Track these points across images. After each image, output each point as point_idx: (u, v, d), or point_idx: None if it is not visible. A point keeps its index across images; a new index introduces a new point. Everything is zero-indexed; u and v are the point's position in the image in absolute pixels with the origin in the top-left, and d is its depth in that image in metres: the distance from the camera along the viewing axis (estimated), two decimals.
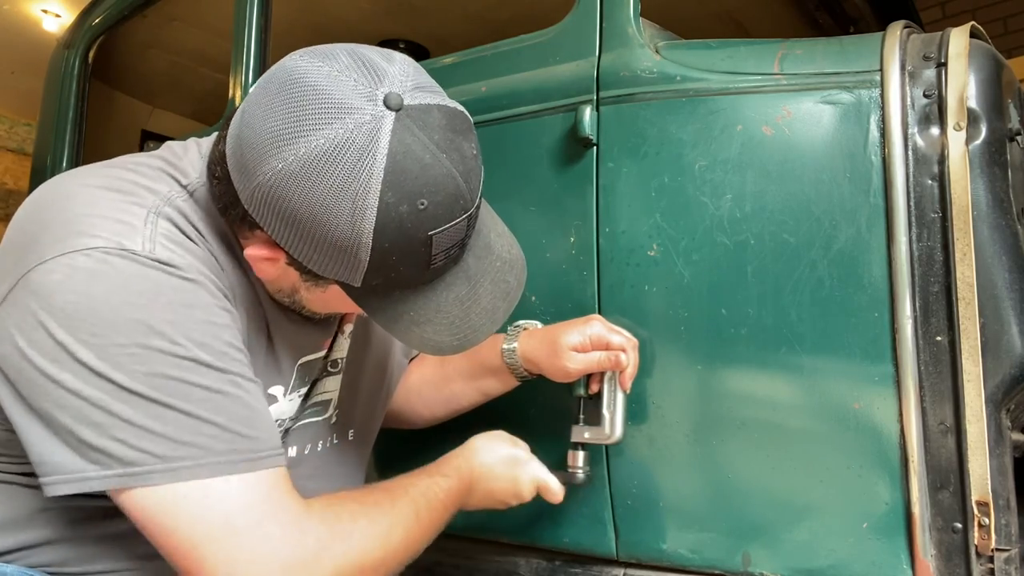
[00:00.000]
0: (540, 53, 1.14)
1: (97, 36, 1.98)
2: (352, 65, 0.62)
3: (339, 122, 0.59)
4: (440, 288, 0.70)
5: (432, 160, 0.61)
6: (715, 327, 0.96)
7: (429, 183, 0.61)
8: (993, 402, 0.83)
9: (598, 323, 0.94)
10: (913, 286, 0.86)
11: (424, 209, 0.61)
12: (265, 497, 0.65)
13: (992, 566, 0.82)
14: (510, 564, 1.12)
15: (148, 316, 0.61)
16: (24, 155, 5.66)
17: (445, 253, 0.66)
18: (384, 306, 0.69)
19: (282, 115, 0.61)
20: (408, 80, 0.63)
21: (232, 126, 0.67)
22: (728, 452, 0.96)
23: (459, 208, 0.64)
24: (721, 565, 0.96)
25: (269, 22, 1.54)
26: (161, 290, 0.63)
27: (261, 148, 0.61)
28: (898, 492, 0.86)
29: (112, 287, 0.61)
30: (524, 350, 0.99)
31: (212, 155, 0.71)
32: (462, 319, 0.71)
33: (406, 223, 0.61)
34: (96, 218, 0.64)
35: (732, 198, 0.95)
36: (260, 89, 0.64)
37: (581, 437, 0.98)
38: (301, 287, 0.73)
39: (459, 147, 0.64)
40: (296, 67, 0.63)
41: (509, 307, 0.75)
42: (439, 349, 0.71)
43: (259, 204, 0.64)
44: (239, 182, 0.65)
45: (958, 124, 0.85)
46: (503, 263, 0.74)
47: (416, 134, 0.61)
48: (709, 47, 1.04)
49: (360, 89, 0.61)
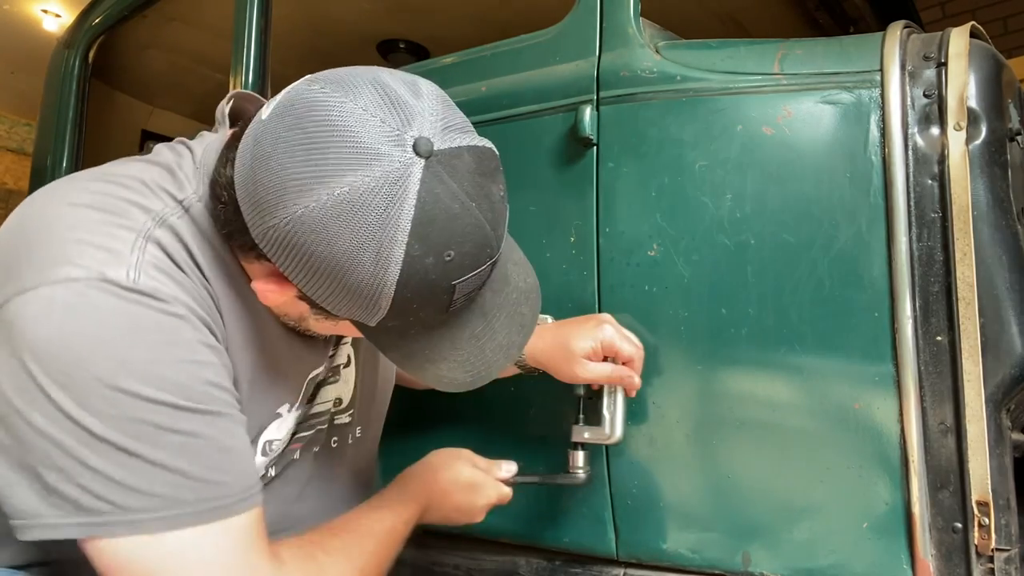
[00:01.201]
0: (540, 53, 1.14)
1: (97, 36, 1.98)
2: (379, 102, 0.58)
3: (365, 168, 0.55)
4: (455, 327, 0.67)
5: (461, 210, 0.58)
6: (715, 327, 0.96)
7: (457, 234, 0.58)
8: (993, 402, 0.83)
9: (610, 327, 0.94)
10: (913, 286, 0.86)
11: (450, 261, 0.59)
12: (233, 551, 0.63)
13: (992, 566, 0.82)
14: (510, 564, 1.12)
15: (125, 356, 0.58)
16: (24, 155, 5.66)
17: (466, 297, 0.64)
18: (399, 344, 0.67)
19: (302, 157, 0.56)
20: (438, 120, 0.59)
21: (243, 154, 0.62)
22: (728, 452, 0.96)
23: (485, 256, 0.62)
24: (721, 565, 0.96)
25: (269, 22, 1.54)
26: (141, 327, 0.60)
27: (278, 190, 0.57)
28: (898, 492, 0.86)
29: (88, 324, 0.58)
30: (532, 349, 0.98)
31: (217, 176, 0.67)
32: (477, 355, 0.69)
33: (431, 275, 0.59)
34: (81, 244, 0.61)
35: (732, 198, 0.95)
36: (276, 120, 0.59)
37: (581, 437, 0.98)
38: (310, 317, 0.71)
39: (488, 193, 0.61)
40: (316, 101, 0.58)
41: (525, 340, 0.73)
42: (453, 385, 0.69)
43: (272, 243, 0.60)
44: (251, 217, 0.61)
45: (958, 124, 0.85)
46: (519, 294, 0.72)
47: (446, 182, 0.58)
48: (709, 47, 1.04)
49: (388, 131, 0.57)
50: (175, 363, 0.61)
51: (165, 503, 0.60)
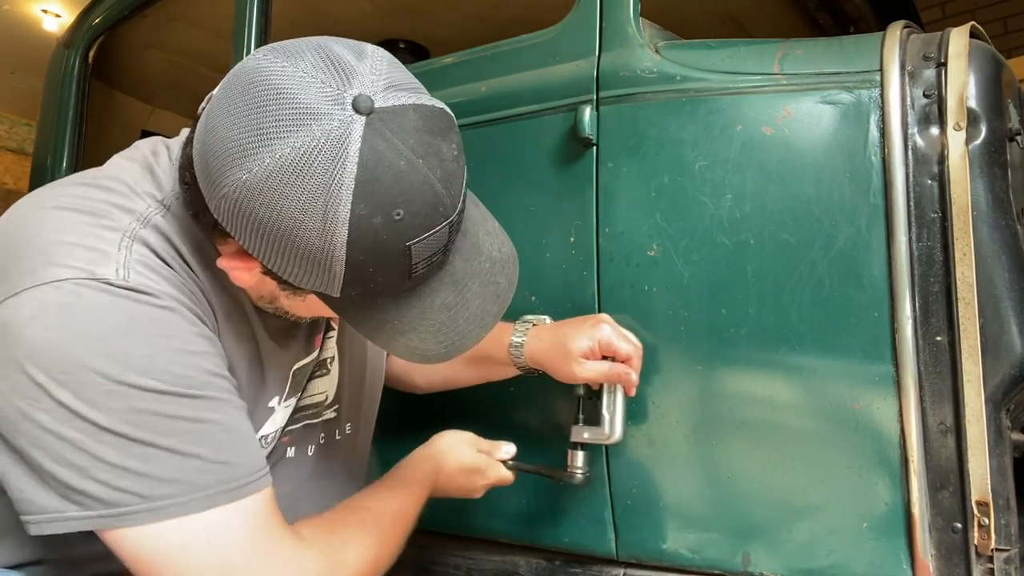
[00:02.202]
0: (540, 53, 1.14)
1: (97, 36, 1.98)
2: (319, 64, 0.58)
3: (305, 129, 0.55)
4: (425, 294, 0.66)
5: (407, 167, 0.57)
6: (715, 327, 0.96)
7: (404, 192, 0.57)
8: (993, 402, 0.83)
9: (607, 327, 0.94)
10: (913, 286, 0.86)
11: (400, 220, 0.58)
12: (255, 529, 0.65)
13: (992, 566, 0.82)
14: (510, 564, 1.12)
15: (123, 351, 0.59)
16: (24, 155, 5.66)
17: (427, 261, 0.62)
18: (365, 316, 0.66)
19: (244, 122, 0.56)
20: (380, 79, 0.59)
21: (197, 130, 0.63)
22: (728, 452, 0.96)
23: (439, 216, 0.60)
24: (721, 565, 0.96)
25: (269, 22, 1.54)
26: (136, 321, 0.60)
27: (224, 158, 0.57)
28: (898, 492, 0.86)
29: (84, 322, 0.59)
30: (531, 350, 0.98)
31: (182, 159, 0.67)
32: (449, 325, 0.67)
33: (381, 235, 0.58)
34: (68, 245, 0.61)
35: (732, 198, 0.95)
36: (222, 91, 0.60)
37: (581, 437, 0.98)
38: (280, 295, 0.71)
39: (438, 150, 0.60)
40: (258, 67, 0.58)
41: (500, 309, 0.71)
42: (426, 357, 0.68)
43: (227, 214, 0.60)
44: (206, 191, 0.61)
45: (958, 124, 0.85)
46: (492, 263, 0.71)
47: (389, 139, 0.57)
48: (709, 47, 1.04)
49: (327, 92, 0.56)
50: (173, 354, 0.62)
51: (184, 488, 0.61)
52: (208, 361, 0.65)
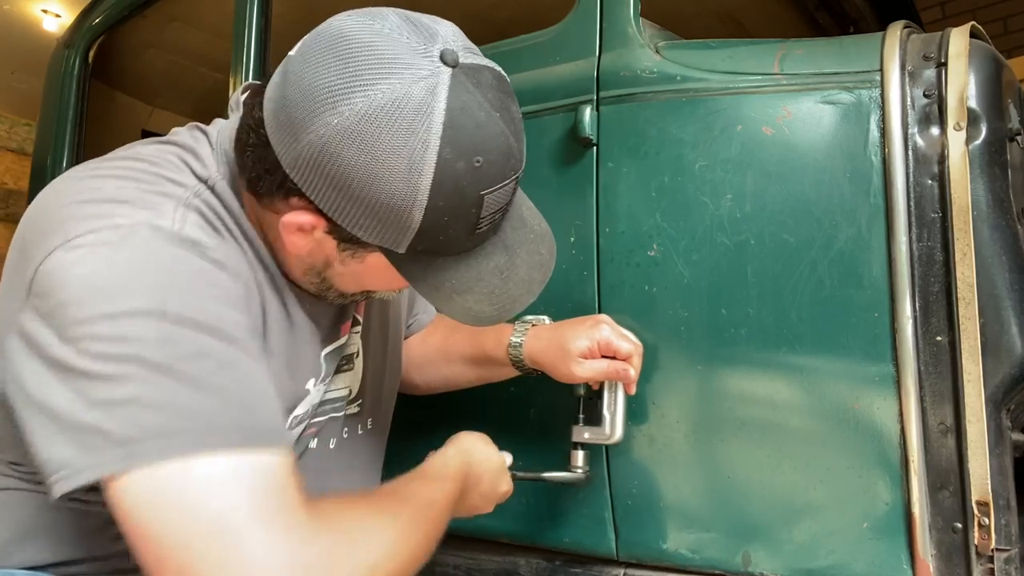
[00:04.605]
0: (540, 53, 1.14)
1: (97, 36, 1.98)
2: (403, 24, 0.62)
3: (396, 77, 0.58)
4: (480, 257, 0.69)
5: (487, 118, 0.61)
6: (715, 327, 0.96)
7: (485, 141, 0.61)
8: (993, 402, 0.83)
9: (606, 327, 0.94)
10: (913, 286, 0.86)
11: (479, 167, 0.61)
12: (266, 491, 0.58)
13: (992, 566, 0.82)
14: (510, 564, 1.12)
15: (166, 285, 0.59)
16: (24, 155, 5.65)
17: (491, 217, 0.66)
18: (426, 274, 0.68)
19: (336, 71, 0.59)
20: (459, 40, 0.64)
21: (271, 89, 0.65)
22: (728, 452, 0.96)
23: (510, 168, 0.64)
24: (721, 565, 0.96)
25: (269, 22, 1.54)
26: (184, 264, 0.62)
27: (313, 104, 0.59)
28: (898, 492, 0.86)
29: (134, 257, 0.60)
30: (530, 350, 0.98)
31: (245, 123, 0.68)
32: (501, 289, 0.70)
33: (462, 180, 0.61)
34: (125, 204, 0.63)
35: (732, 198, 0.95)
36: (305, 49, 0.63)
37: (581, 437, 0.98)
38: (336, 259, 0.71)
39: (508, 107, 0.64)
40: (344, 25, 0.62)
41: (544, 278, 0.75)
42: (479, 319, 0.70)
43: (305, 165, 0.61)
44: (283, 144, 0.62)
45: (958, 124, 0.85)
46: (536, 235, 0.75)
47: (472, 91, 0.61)
48: (709, 47, 1.04)
49: (415, 46, 0.60)
50: (213, 300, 0.62)
51: (200, 426, 0.57)
52: (246, 318, 0.65)
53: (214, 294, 0.62)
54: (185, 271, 0.61)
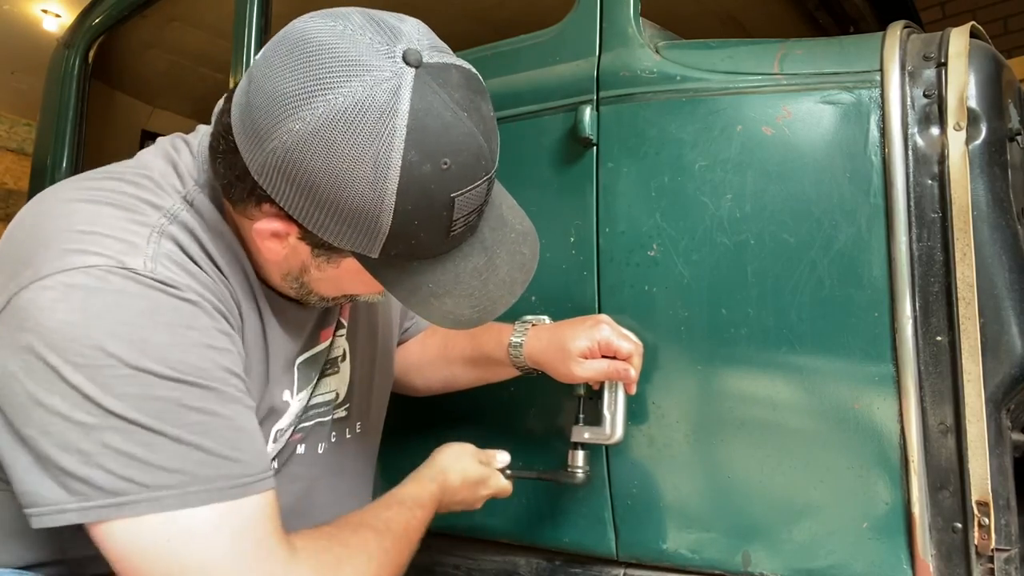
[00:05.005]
0: (540, 53, 1.14)
1: (97, 36, 1.98)
2: (366, 24, 0.60)
3: (358, 79, 0.57)
4: (458, 259, 0.68)
5: (454, 119, 0.60)
6: (715, 327, 0.96)
7: (452, 142, 0.59)
8: (993, 402, 0.83)
9: (607, 327, 0.94)
10: (913, 286, 0.86)
11: (447, 169, 0.59)
12: (250, 532, 0.63)
13: (992, 566, 0.82)
14: (510, 564, 1.12)
15: (143, 337, 0.59)
16: (24, 155, 5.66)
17: (464, 219, 0.64)
18: (402, 278, 0.67)
19: (298, 75, 0.58)
20: (424, 39, 0.62)
21: (238, 94, 0.64)
22: (728, 452, 0.96)
23: (481, 169, 0.62)
24: (721, 565, 0.96)
25: (269, 22, 1.54)
26: (159, 310, 0.61)
27: (275, 110, 0.58)
28: (898, 492, 0.86)
29: (108, 305, 0.59)
30: (530, 350, 0.98)
31: (215, 130, 0.67)
32: (480, 291, 0.69)
33: (429, 183, 0.59)
34: (99, 236, 0.62)
35: (732, 198, 0.95)
36: (269, 53, 0.61)
37: (581, 437, 0.98)
38: (311, 265, 0.70)
39: (478, 107, 0.62)
40: (307, 28, 0.60)
41: (526, 279, 0.73)
42: (458, 322, 0.69)
43: (271, 172, 0.61)
44: (249, 151, 0.62)
45: (958, 124, 0.85)
46: (517, 234, 0.73)
47: (437, 91, 0.59)
48: (709, 47, 1.04)
49: (377, 47, 0.59)
50: (193, 346, 0.62)
51: (186, 480, 0.60)
52: (225, 358, 0.65)
53: (192, 338, 0.62)
54: (162, 321, 0.61)
